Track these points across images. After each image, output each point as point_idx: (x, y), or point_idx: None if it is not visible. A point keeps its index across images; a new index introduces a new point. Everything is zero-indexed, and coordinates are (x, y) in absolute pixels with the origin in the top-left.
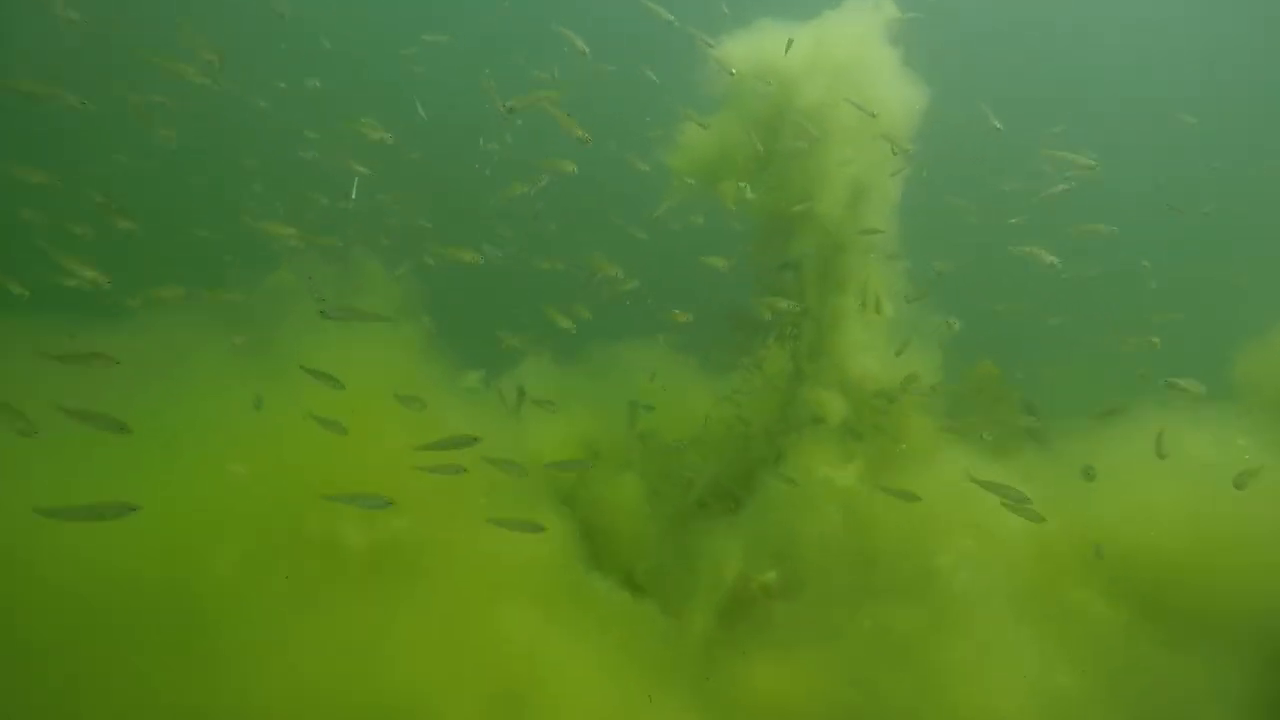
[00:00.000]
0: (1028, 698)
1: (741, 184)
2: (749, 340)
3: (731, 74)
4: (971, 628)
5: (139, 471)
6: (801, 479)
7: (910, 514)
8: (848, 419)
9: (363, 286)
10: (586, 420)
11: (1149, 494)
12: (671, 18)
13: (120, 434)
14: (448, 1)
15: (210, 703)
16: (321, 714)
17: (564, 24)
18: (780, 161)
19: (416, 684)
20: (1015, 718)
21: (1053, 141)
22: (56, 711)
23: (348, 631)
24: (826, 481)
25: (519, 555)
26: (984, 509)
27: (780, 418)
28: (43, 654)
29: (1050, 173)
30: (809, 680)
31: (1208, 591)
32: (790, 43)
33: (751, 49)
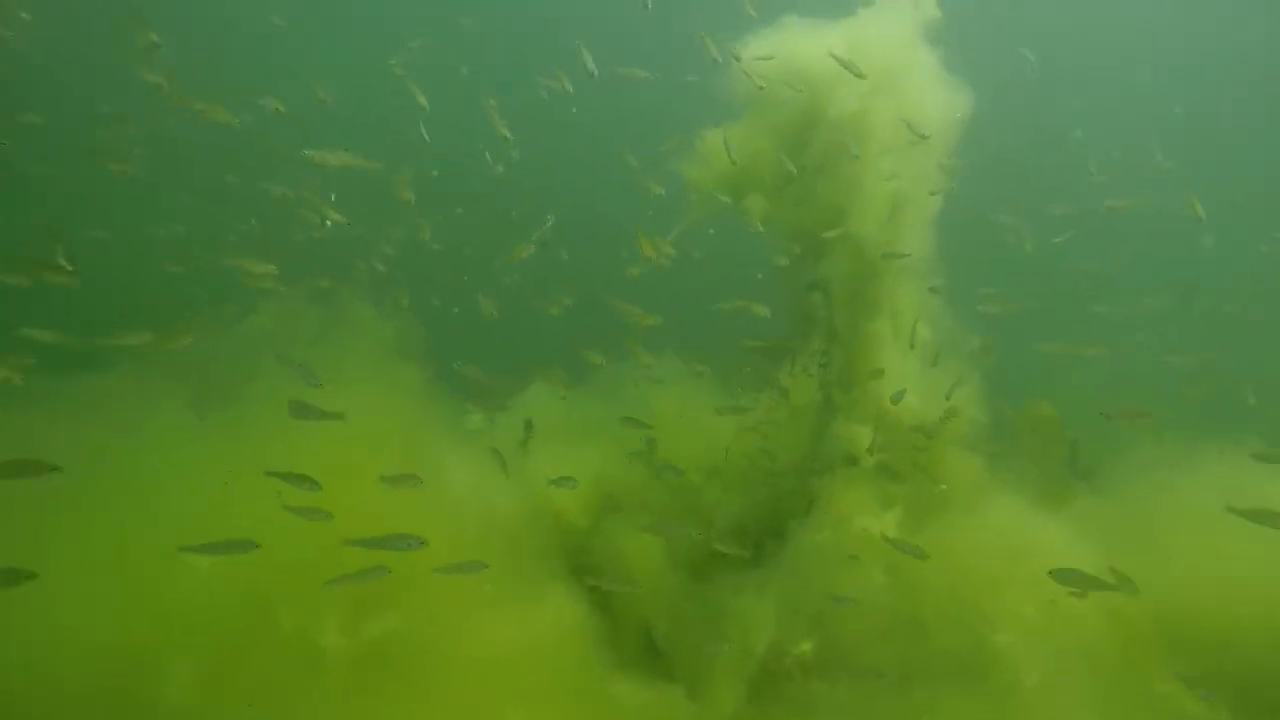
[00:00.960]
0: None
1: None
2: (770, 365)
3: (761, 88)
4: None
5: (86, 559)
6: (836, 527)
7: (961, 571)
8: (884, 458)
9: (351, 330)
10: (598, 457)
11: (1232, 554)
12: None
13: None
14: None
15: None
16: None
17: (577, 29)
18: (810, 174)
19: None
20: None
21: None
22: None
23: None
24: (864, 532)
25: (525, 646)
26: (1043, 567)
27: (810, 454)
28: None
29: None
30: None
31: None
32: (836, 56)
33: (778, 49)
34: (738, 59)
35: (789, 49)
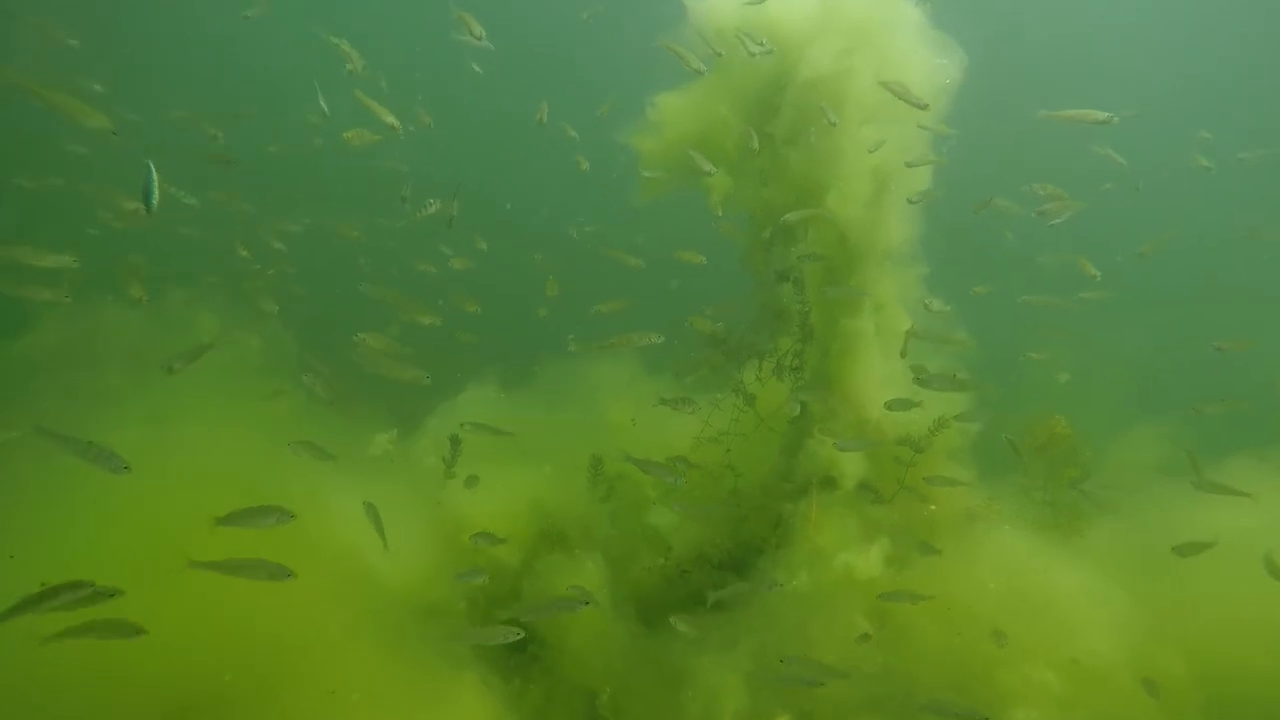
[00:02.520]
0: None
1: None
2: (733, 367)
3: (719, 54)
4: None
5: None
6: (813, 565)
7: (964, 621)
8: (866, 477)
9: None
10: (538, 481)
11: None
12: None
13: None
14: None
15: None
16: None
17: None
18: (780, 146)
19: None
20: None
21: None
22: None
23: None
24: (846, 571)
25: None
26: (1059, 611)
27: (782, 472)
28: None
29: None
30: None
31: None
32: None
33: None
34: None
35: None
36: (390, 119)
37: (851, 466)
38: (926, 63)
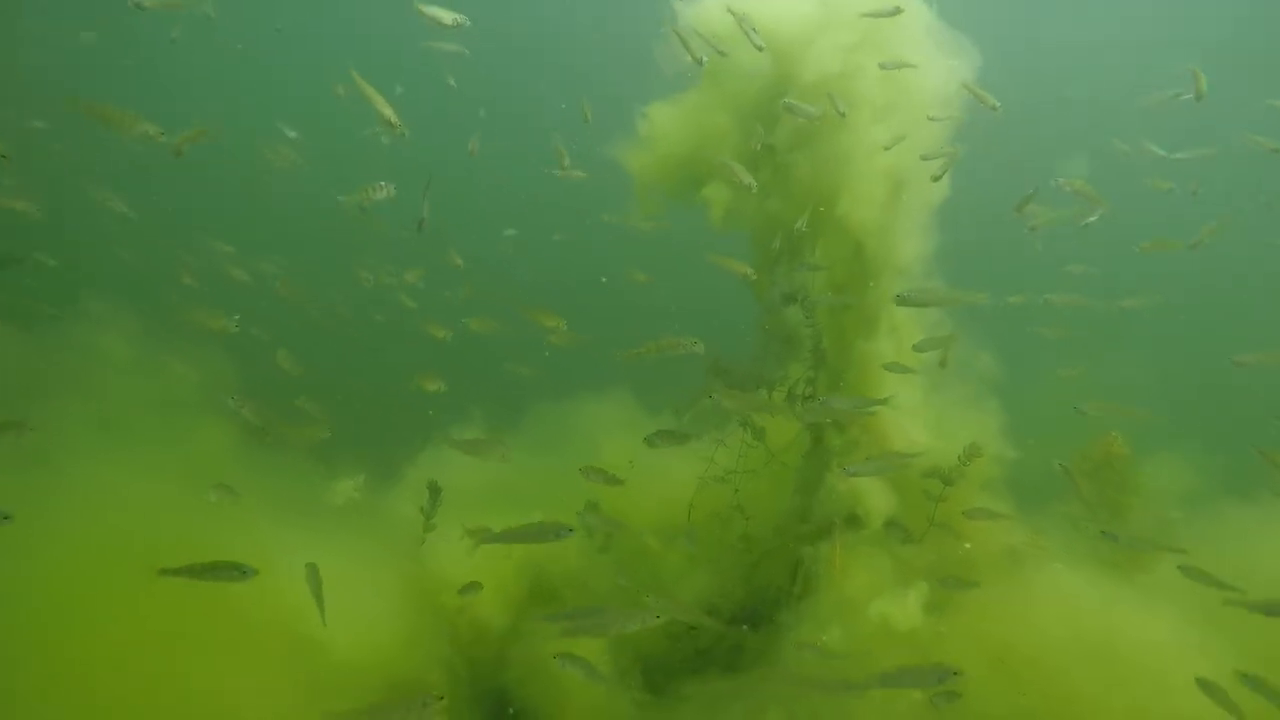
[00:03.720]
0: None
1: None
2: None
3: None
4: None
5: None
6: (842, 616)
7: (1023, 670)
8: (893, 513)
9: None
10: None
11: None
12: None
13: None
14: None
15: None
16: None
17: None
18: (783, 154)
19: None
20: None
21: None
22: None
23: None
24: (883, 623)
25: None
26: (1143, 664)
27: (798, 512)
28: None
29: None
30: None
31: None
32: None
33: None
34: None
35: (750, 2)
36: (389, 113)
37: (877, 502)
38: (937, 63)
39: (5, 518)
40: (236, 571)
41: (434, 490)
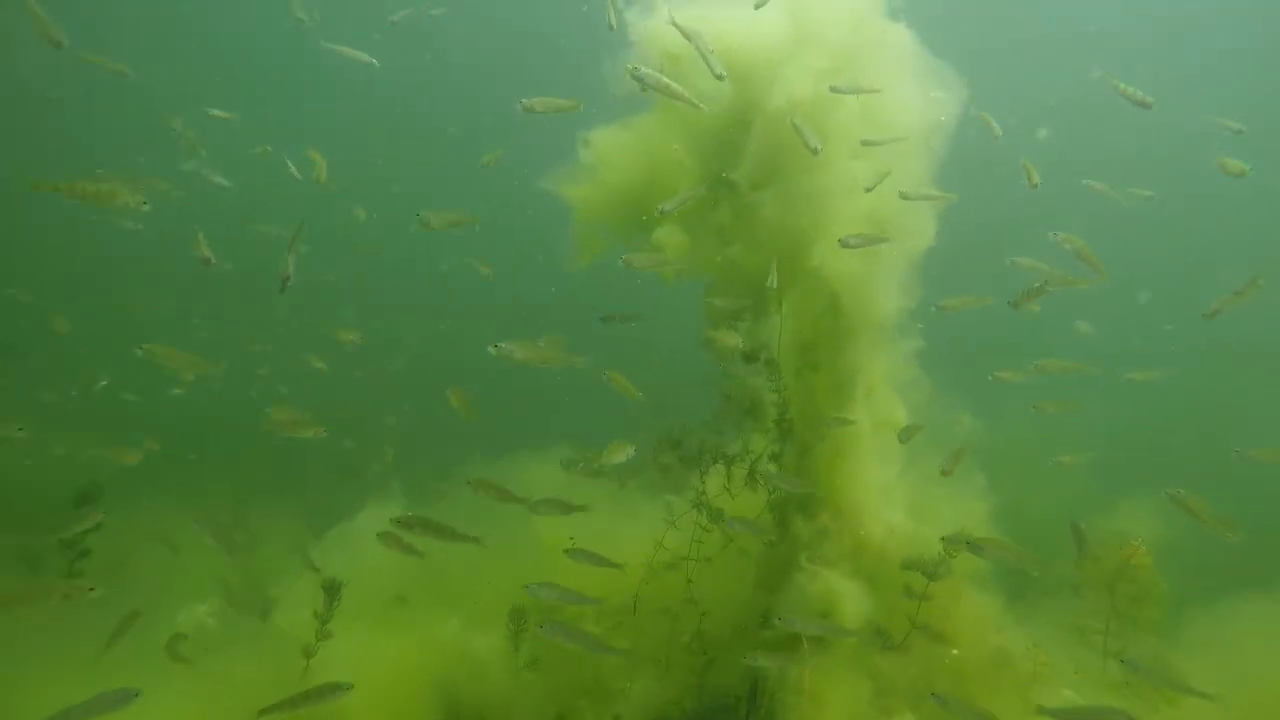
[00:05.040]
0: None
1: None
2: (693, 473)
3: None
4: None
5: None
6: None
7: None
8: (873, 618)
9: None
10: (442, 641)
11: None
12: None
13: None
14: None
15: None
16: None
17: None
18: (746, 193)
19: None
20: None
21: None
22: None
23: None
24: None
25: None
26: None
27: (760, 610)
28: None
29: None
30: None
31: None
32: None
33: (698, 26)
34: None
35: (712, 22)
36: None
37: (851, 605)
38: (920, 94)
39: None
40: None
41: (330, 591)
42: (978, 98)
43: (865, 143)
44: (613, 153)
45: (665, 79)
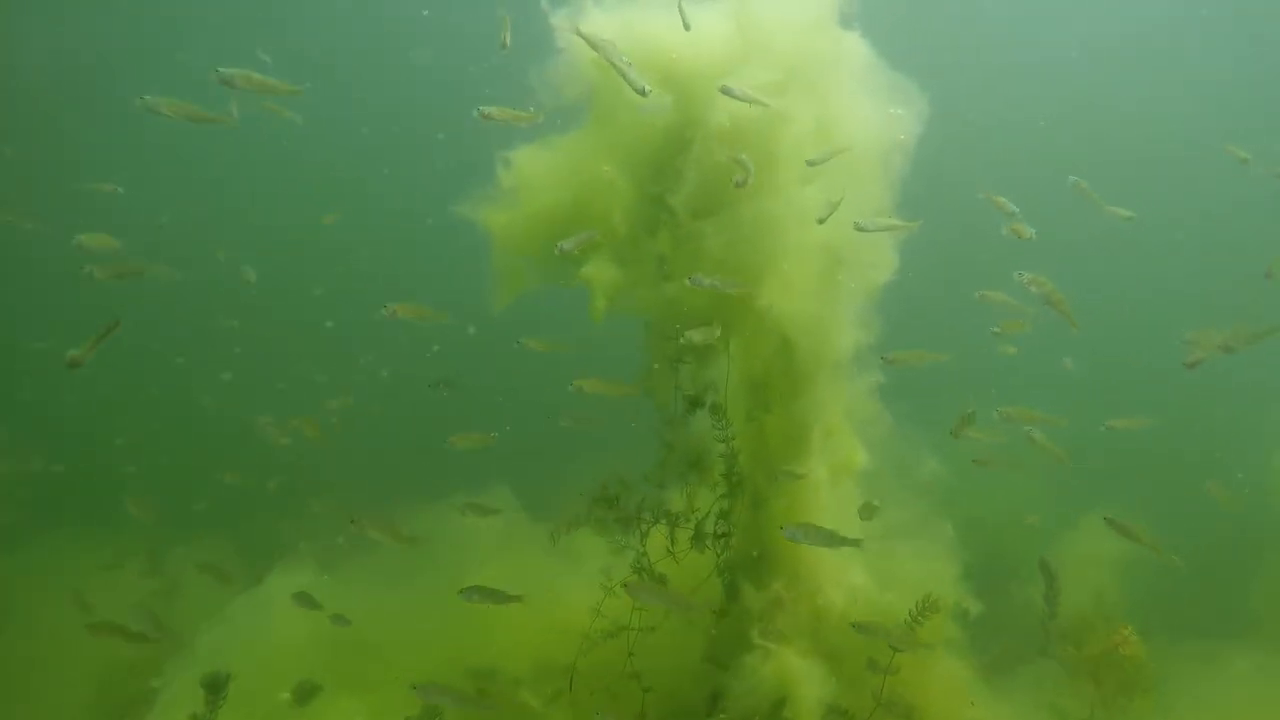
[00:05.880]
0: None
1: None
2: (632, 533)
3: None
4: None
5: None
6: None
7: None
8: (834, 700)
9: None
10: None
11: None
12: None
13: None
14: None
15: None
16: None
17: None
18: (686, 221)
19: None
20: None
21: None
22: None
23: None
24: None
25: None
26: None
27: (710, 687)
28: None
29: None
30: None
31: None
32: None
33: (631, 33)
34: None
35: (648, 28)
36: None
37: (809, 688)
38: (880, 112)
39: None
40: None
41: (214, 687)
42: (940, 111)
43: (810, 162)
44: (535, 174)
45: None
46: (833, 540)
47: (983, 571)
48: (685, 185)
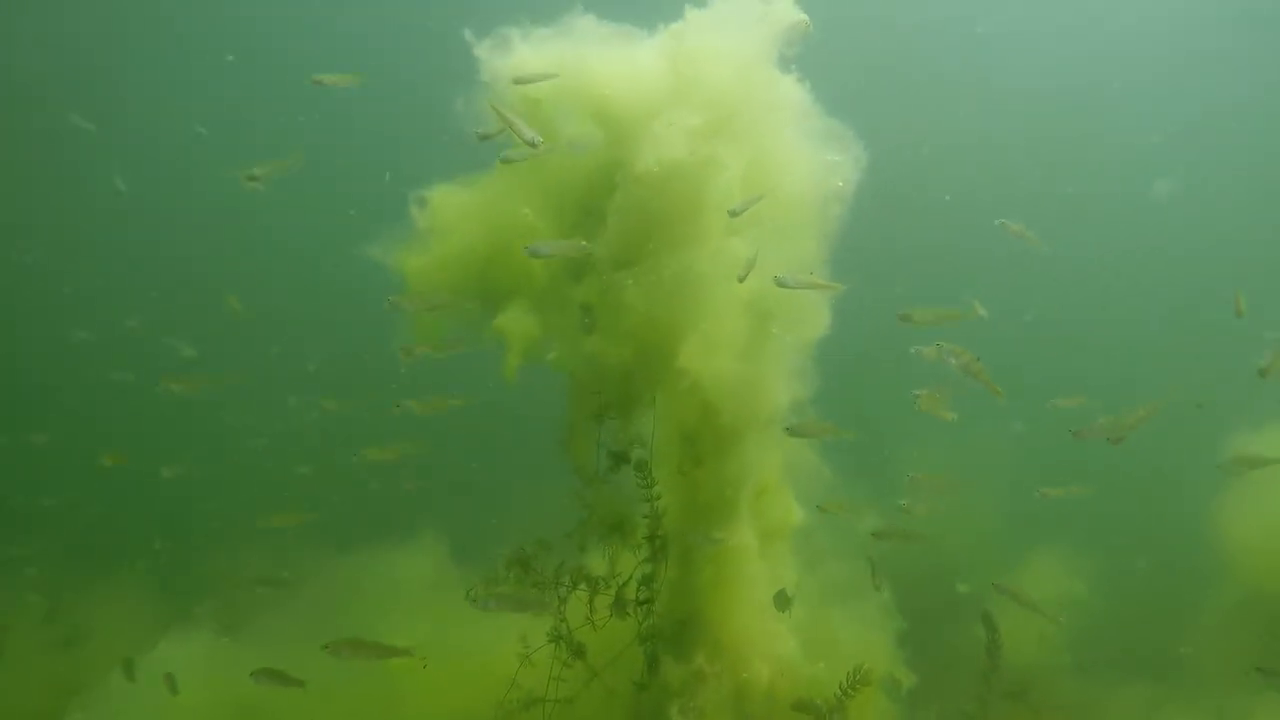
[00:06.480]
0: None
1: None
2: (547, 596)
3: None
4: None
5: None
6: None
7: None
8: None
9: None
10: None
11: None
12: None
13: None
14: None
15: None
16: None
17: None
18: (609, 270)
19: None
20: None
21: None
22: None
23: None
24: None
25: None
26: None
27: None
28: None
29: None
30: None
31: None
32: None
33: (562, 67)
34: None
35: (581, 62)
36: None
37: None
38: (815, 159)
39: None
40: None
41: None
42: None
43: (731, 212)
44: (451, 216)
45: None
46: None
47: (924, 623)
48: (607, 232)
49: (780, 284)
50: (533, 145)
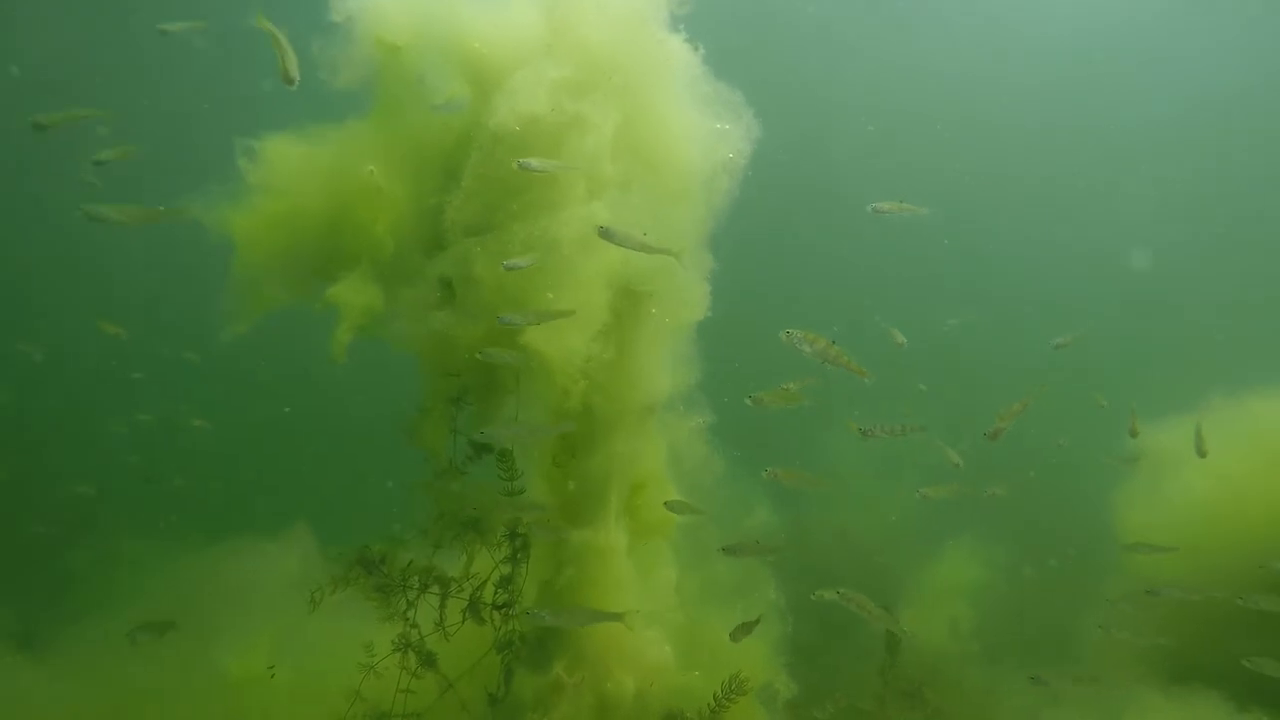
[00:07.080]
0: None
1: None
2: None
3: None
4: None
5: None
6: None
7: None
8: None
9: None
10: None
11: None
12: None
13: None
14: None
15: None
16: None
17: None
18: (460, 235)
19: None
20: None
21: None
22: None
23: None
24: None
25: None
26: None
27: None
28: None
29: None
30: None
31: None
32: None
33: (432, 19)
34: None
35: (445, 11)
36: None
37: None
38: (702, 126)
39: None
40: None
41: None
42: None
43: (522, 165)
44: (289, 171)
45: None
46: (594, 618)
47: (829, 621)
48: (461, 195)
49: (604, 236)
50: (290, 83)
